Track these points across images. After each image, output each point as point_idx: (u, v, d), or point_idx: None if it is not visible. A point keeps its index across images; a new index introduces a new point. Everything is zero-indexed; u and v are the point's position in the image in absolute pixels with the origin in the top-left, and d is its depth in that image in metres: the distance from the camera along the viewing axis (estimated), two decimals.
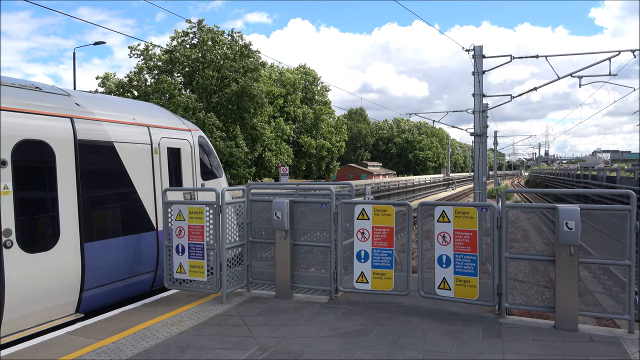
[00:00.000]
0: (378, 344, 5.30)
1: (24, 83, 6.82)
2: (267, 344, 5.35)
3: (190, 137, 9.06)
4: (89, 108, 7.19)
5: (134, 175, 7.61)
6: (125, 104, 9.54)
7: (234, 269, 7.23)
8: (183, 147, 8.81)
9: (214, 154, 10.11)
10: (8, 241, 5.67)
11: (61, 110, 6.67)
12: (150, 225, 7.79)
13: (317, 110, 64.44)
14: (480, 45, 20.89)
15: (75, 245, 6.53)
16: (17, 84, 6.64)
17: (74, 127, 6.67)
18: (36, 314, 6.08)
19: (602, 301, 7.56)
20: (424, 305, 6.54)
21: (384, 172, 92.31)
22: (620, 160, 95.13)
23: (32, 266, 5.96)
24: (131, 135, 7.71)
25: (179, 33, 45.84)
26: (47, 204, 6.37)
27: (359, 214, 6.67)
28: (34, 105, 6.33)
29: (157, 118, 8.62)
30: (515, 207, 6.24)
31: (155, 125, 8.28)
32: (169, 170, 8.38)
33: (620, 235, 5.48)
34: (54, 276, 6.23)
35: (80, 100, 7.23)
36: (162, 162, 8.24)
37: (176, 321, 6.20)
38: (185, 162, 8.82)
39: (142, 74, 45.00)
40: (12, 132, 5.84)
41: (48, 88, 7.12)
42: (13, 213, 5.74)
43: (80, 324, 6.10)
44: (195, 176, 9.08)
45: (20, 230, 5.83)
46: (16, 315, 5.79)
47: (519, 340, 5.28)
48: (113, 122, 7.43)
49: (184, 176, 8.79)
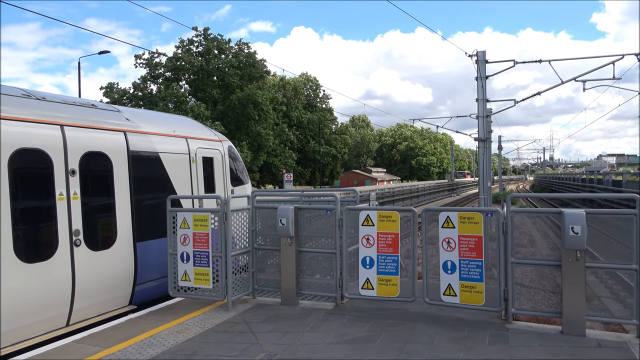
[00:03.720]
0: (384, 350, 5.28)
1: (83, 102, 7.74)
2: (273, 351, 5.34)
3: (221, 147, 9.88)
4: (137, 122, 7.98)
5: (176, 182, 8.40)
6: (165, 118, 10.59)
7: (239, 276, 7.24)
8: (215, 156, 9.59)
9: (241, 162, 10.97)
10: (77, 240, 6.49)
11: (116, 125, 7.49)
12: None
13: (320, 116, 64.57)
14: (483, 51, 20.92)
15: (130, 244, 7.33)
16: (78, 102, 7.55)
17: (127, 140, 7.52)
18: (98, 305, 6.85)
19: (609, 306, 7.51)
20: (430, 311, 6.51)
21: (388, 177, 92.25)
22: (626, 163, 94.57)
23: (95, 262, 6.75)
24: (172, 146, 8.53)
25: (185, 42, 46.20)
26: (107, 208, 7.16)
27: (364, 220, 6.67)
28: (94, 121, 7.17)
29: (192, 130, 9.44)
30: (521, 212, 6.23)
31: (192, 137, 9.09)
32: (204, 177, 9.16)
33: (627, 239, 5.45)
34: (113, 272, 6.99)
35: (129, 116, 8.05)
36: (198, 170, 9.03)
37: (182, 329, 6.20)
38: (217, 170, 9.62)
39: (147, 83, 45.31)
40: (79, 145, 6.66)
41: (101, 105, 8.04)
42: (81, 216, 6.55)
43: (87, 332, 6.12)
44: (225, 183, 9.87)
45: (86, 230, 6.62)
46: (83, 305, 6.56)
47: (526, 346, 5.25)
48: (157, 135, 8.27)
49: (216, 183, 9.54)
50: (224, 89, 45.68)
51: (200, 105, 41.03)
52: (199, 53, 46.28)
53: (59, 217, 6.27)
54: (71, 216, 6.40)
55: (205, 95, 44.81)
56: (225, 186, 9.78)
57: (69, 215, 6.38)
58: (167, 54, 45.28)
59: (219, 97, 45.10)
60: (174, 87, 42.79)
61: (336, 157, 68.31)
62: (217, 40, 46.21)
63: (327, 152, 65.72)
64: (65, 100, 7.24)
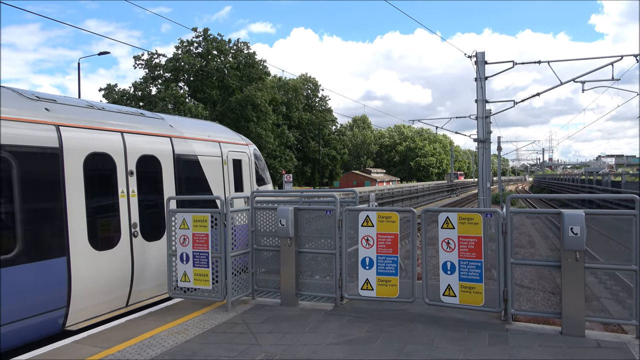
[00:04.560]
0: (384, 351, 5.29)
1: (133, 111, 8.77)
2: (273, 352, 5.35)
3: (248, 150, 10.93)
4: (179, 129, 8.99)
5: (211, 182, 9.36)
6: (201, 124, 11.70)
7: (239, 276, 7.24)
8: (243, 158, 10.64)
9: (264, 163, 12.04)
10: (135, 232, 7.49)
11: (163, 131, 8.52)
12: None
13: (320, 117, 64.55)
14: (482, 52, 20.91)
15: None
16: (130, 111, 8.59)
17: (172, 145, 8.51)
18: (150, 290, 7.75)
19: (608, 307, 7.53)
20: (430, 312, 6.52)
21: (387, 178, 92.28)
22: (625, 164, 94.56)
23: (149, 251, 7.70)
24: (208, 149, 9.50)
25: (184, 42, 46.18)
26: (157, 204, 8.07)
27: (364, 221, 6.67)
28: (145, 128, 8.16)
29: (223, 134, 10.51)
30: (520, 213, 6.23)
31: (223, 141, 10.10)
32: (234, 177, 10.16)
33: (626, 240, 5.46)
34: (162, 260, 7.57)
35: (172, 123, 9.06)
36: (229, 171, 10.06)
37: (182, 329, 6.20)
38: (245, 171, 10.68)
39: (147, 84, 45.30)
40: (135, 149, 7.67)
41: (148, 114, 8.91)
42: (138, 211, 7.52)
43: (86, 333, 6.12)
44: (252, 183, 10.91)
45: (141, 224, 7.60)
46: (139, 288, 7.50)
47: (525, 347, 5.26)
48: (196, 140, 9.24)
49: (244, 183, 10.58)
50: (223, 90, 45.70)
51: (199, 106, 41.06)
52: (198, 54, 46.29)
53: (121, 212, 7.28)
54: (130, 211, 7.40)
55: (205, 96, 44.82)
56: (251, 186, 10.80)
57: (128, 210, 7.39)
58: (166, 55, 45.35)
59: (218, 98, 45.10)
60: (173, 88, 42.81)
61: (335, 159, 68.29)
62: (217, 40, 46.21)
63: (327, 153, 65.71)
64: (119, 110, 8.35)
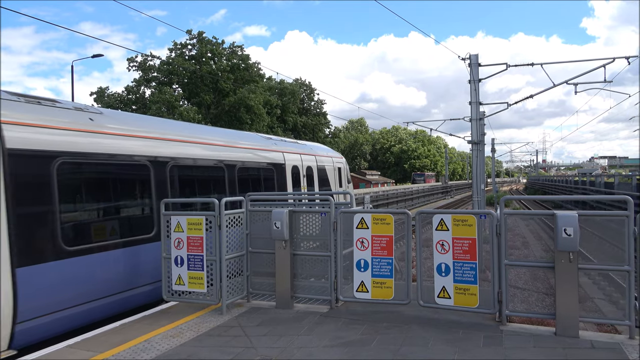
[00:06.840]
0: (379, 353, 5.29)
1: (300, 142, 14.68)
2: (268, 355, 5.33)
3: (343, 161, 16.40)
4: (317, 151, 14.63)
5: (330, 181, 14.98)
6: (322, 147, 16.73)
7: (233, 279, 7.21)
8: (341, 166, 16.14)
9: (348, 170, 17.14)
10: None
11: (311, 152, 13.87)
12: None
13: (315, 120, 64.54)
14: (475, 54, 21.05)
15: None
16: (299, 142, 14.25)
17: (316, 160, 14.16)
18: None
19: (602, 307, 7.56)
20: (425, 313, 6.53)
21: (382, 180, 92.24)
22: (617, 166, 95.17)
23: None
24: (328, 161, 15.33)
25: (178, 45, 46.02)
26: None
27: (358, 223, 6.67)
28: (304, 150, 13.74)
29: (330, 152, 16.19)
30: (514, 214, 6.26)
31: (332, 156, 15.82)
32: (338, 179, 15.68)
33: (619, 241, 5.49)
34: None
35: (314, 148, 14.84)
36: (336, 175, 15.45)
37: (176, 333, 6.18)
38: (343, 175, 16.08)
39: (140, 87, 45.14)
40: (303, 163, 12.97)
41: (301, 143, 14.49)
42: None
43: (80, 337, 6.07)
44: (345, 183, 16.18)
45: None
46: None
47: (520, 348, 5.27)
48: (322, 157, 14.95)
49: (342, 182, 15.83)
50: (217, 93, 45.61)
51: (192, 110, 41.02)
52: (192, 57, 46.18)
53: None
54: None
55: (199, 99, 44.72)
56: (346, 185, 16.15)
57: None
58: (160, 57, 45.21)
59: (212, 101, 45.01)
60: (167, 92, 42.68)
61: None
62: (211, 43, 46.12)
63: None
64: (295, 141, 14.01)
